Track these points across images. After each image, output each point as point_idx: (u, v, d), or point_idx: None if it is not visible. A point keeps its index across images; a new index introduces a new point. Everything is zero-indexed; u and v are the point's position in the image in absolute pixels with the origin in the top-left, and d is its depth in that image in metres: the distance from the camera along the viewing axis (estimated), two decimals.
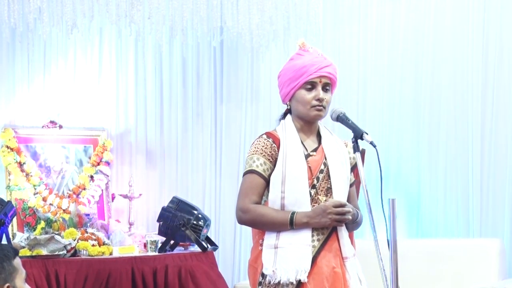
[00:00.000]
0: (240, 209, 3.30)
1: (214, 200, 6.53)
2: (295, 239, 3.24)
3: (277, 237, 3.25)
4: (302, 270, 3.20)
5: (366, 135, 3.22)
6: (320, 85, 3.34)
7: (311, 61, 3.35)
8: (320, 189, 3.32)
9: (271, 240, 3.26)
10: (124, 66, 6.34)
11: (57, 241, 5.16)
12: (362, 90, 6.45)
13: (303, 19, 6.23)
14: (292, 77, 3.34)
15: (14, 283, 2.85)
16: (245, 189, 3.30)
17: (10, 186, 5.74)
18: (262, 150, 3.31)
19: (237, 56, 6.52)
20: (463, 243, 5.93)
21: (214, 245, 5.75)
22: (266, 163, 3.29)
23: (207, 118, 6.54)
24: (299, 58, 3.38)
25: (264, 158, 3.30)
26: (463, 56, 6.24)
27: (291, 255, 3.22)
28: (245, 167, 3.33)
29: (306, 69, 3.32)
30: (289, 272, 3.19)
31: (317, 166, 3.33)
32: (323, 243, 3.29)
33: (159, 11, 5.84)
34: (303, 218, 3.24)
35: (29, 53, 5.95)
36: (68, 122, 6.10)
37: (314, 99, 3.32)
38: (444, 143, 6.27)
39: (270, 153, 3.30)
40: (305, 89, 3.33)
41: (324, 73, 3.35)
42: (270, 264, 3.22)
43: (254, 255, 3.33)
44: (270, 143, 3.31)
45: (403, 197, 6.23)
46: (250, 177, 3.30)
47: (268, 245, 3.26)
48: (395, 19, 6.41)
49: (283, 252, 3.23)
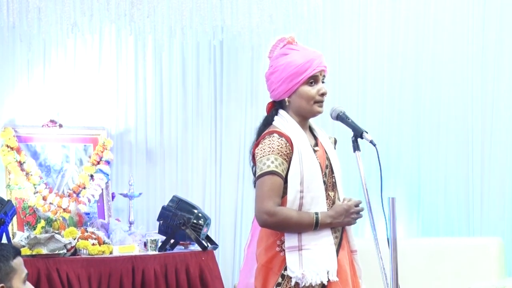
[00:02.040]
0: (266, 212, 3.21)
1: (214, 199, 6.53)
2: (318, 239, 3.23)
3: (299, 238, 3.22)
4: (332, 269, 3.21)
5: (366, 134, 3.21)
6: (321, 78, 3.34)
7: (312, 55, 3.33)
8: (329, 185, 3.31)
9: (293, 242, 3.22)
10: (124, 65, 6.33)
11: (57, 240, 5.16)
12: (362, 88, 6.45)
13: (303, 18, 6.24)
14: (295, 72, 3.30)
15: (10, 284, 2.81)
16: (268, 191, 3.22)
17: (10, 185, 5.73)
18: (278, 150, 3.24)
19: (237, 55, 6.52)
20: (463, 242, 5.93)
21: (214, 244, 5.75)
22: (283, 163, 3.24)
23: (207, 117, 6.54)
24: (296, 53, 3.34)
25: (282, 158, 3.24)
26: (463, 53, 6.25)
27: (318, 256, 3.20)
28: (261, 168, 3.23)
29: (310, 64, 3.30)
30: (320, 273, 3.19)
31: (323, 161, 3.33)
32: (340, 240, 3.30)
33: (159, 10, 5.84)
34: (326, 218, 3.23)
35: (29, 52, 5.95)
36: (68, 121, 6.09)
37: (318, 94, 3.31)
38: (445, 141, 6.28)
39: (285, 152, 3.25)
40: (308, 84, 3.32)
41: (323, 67, 3.35)
42: (296, 266, 3.19)
43: (268, 256, 3.27)
44: (285, 142, 3.25)
45: (403, 196, 6.23)
46: (272, 178, 3.22)
47: (291, 247, 3.22)
48: (395, 17, 6.41)
49: (309, 254, 3.20)
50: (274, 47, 3.42)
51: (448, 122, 6.28)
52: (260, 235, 3.35)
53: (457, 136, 6.25)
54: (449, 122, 6.27)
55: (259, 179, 3.24)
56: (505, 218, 6.09)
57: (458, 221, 6.21)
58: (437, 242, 6.01)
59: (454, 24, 6.27)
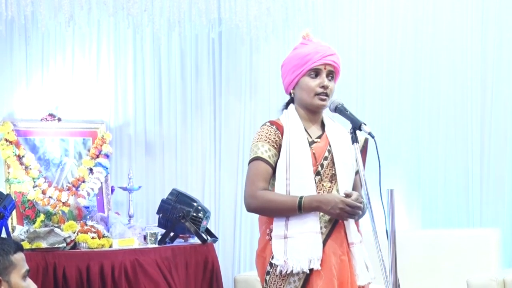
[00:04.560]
0: (248, 196, 3.29)
1: (213, 192, 6.53)
2: (304, 227, 3.24)
3: (285, 226, 3.25)
4: (314, 258, 3.21)
5: (364, 126, 3.22)
6: (324, 73, 3.36)
7: (315, 49, 3.38)
8: (325, 176, 3.33)
9: (280, 230, 3.26)
10: (122, 58, 6.33)
11: (56, 234, 5.16)
12: (361, 81, 6.44)
13: (302, 10, 6.23)
14: (296, 65, 3.35)
15: (8, 278, 2.79)
16: (252, 176, 3.30)
17: (9, 179, 5.73)
18: (266, 136, 3.31)
19: (236, 47, 6.51)
20: (463, 233, 5.93)
21: (214, 237, 5.76)
22: (270, 150, 3.30)
23: (206, 110, 6.54)
24: (303, 47, 3.41)
25: (269, 144, 3.30)
26: (462, 46, 6.24)
27: (302, 244, 3.22)
28: (250, 155, 3.33)
29: (310, 57, 3.34)
30: (301, 261, 3.20)
31: (321, 152, 3.35)
32: (330, 230, 3.30)
33: (157, 3, 5.84)
34: (312, 202, 3.24)
35: (27, 46, 5.94)
36: (67, 115, 6.09)
37: (319, 87, 3.34)
38: (444, 133, 6.27)
39: (274, 139, 3.30)
40: (310, 76, 3.35)
41: (328, 61, 3.37)
42: (280, 254, 3.22)
43: (261, 245, 3.33)
44: (274, 129, 3.32)
45: (402, 187, 6.23)
46: (256, 164, 3.30)
47: (277, 235, 3.26)
48: (394, 10, 6.40)
49: (293, 241, 3.23)
50: None
51: (447, 113, 6.27)
52: (259, 224, 3.40)
53: (456, 127, 6.25)
54: (448, 114, 6.27)
55: (248, 167, 3.33)
56: (504, 209, 6.09)
57: (457, 213, 6.21)
58: (437, 233, 6.01)
59: (453, 19, 6.26)
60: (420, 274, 5.72)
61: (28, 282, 2.88)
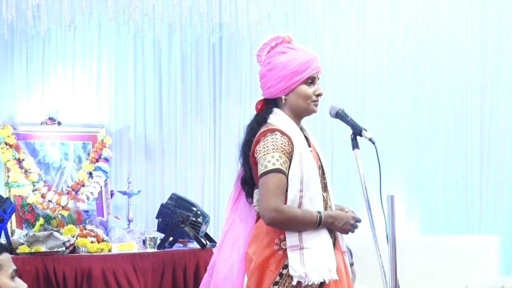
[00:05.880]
0: (273, 209, 3.21)
1: (213, 197, 6.52)
2: (319, 239, 3.25)
3: (299, 238, 3.24)
4: (332, 268, 3.24)
5: (365, 132, 3.23)
6: (317, 80, 3.38)
7: (311, 56, 3.37)
8: (322, 186, 3.33)
9: (294, 241, 3.24)
10: (123, 62, 6.33)
11: (56, 238, 5.16)
12: (361, 86, 6.45)
13: (302, 15, 6.23)
14: (296, 71, 3.33)
15: None
16: (275, 188, 3.23)
17: (9, 183, 5.73)
18: (282, 148, 3.25)
19: (236, 52, 6.51)
20: (462, 240, 5.93)
21: (213, 242, 5.75)
22: (287, 162, 3.26)
23: (206, 115, 6.54)
24: (295, 52, 3.37)
25: (285, 156, 3.25)
26: (462, 49, 6.26)
27: (319, 256, 3.23)
28: (266, 165, 3.23)
29: (309, 64, 3.34)
30: (322, 272, 3.21)
31: (317, 162, 3.35)
32: (334, 241, 3.34)
33: (158, 8, 5.84)
34: (328, 218, 3.27)
35: (27, 50, 5.94)
36: (66, 119, 6.09)
37: (314, 94, 3.35)
38: (443, 139, 6.28)
39: (288, 151, 3.26)
40: (307, 83, 3.35)
41: (320, 68, 3.39)
42: (298, 265, 3.21)
43: (265, 254, 3.27)
44: (287, 140, 3.28)
45: (402, 193, 6.23)
46: (278, 176, 3.23)
47: (293, 247, 3.23)
48: (394, 15, 6.41)
49: (310, 253, 3.23)
50: (266, 45, 3.46)
51: (447, 120, 6.28)
52: (255, 233, 3.35)
53: (456, 134, 6.25)
54: (448, 120, 6.28)
55: (263, 177, 3.24)
56: (503, 216, 6.10)
57: (456, 219, 6.21)
58: (436, 239, 6.01)
59: (453, 22, 6.27)
60: (420, 280, 5.72)
61: (17, 282, 2.86)
